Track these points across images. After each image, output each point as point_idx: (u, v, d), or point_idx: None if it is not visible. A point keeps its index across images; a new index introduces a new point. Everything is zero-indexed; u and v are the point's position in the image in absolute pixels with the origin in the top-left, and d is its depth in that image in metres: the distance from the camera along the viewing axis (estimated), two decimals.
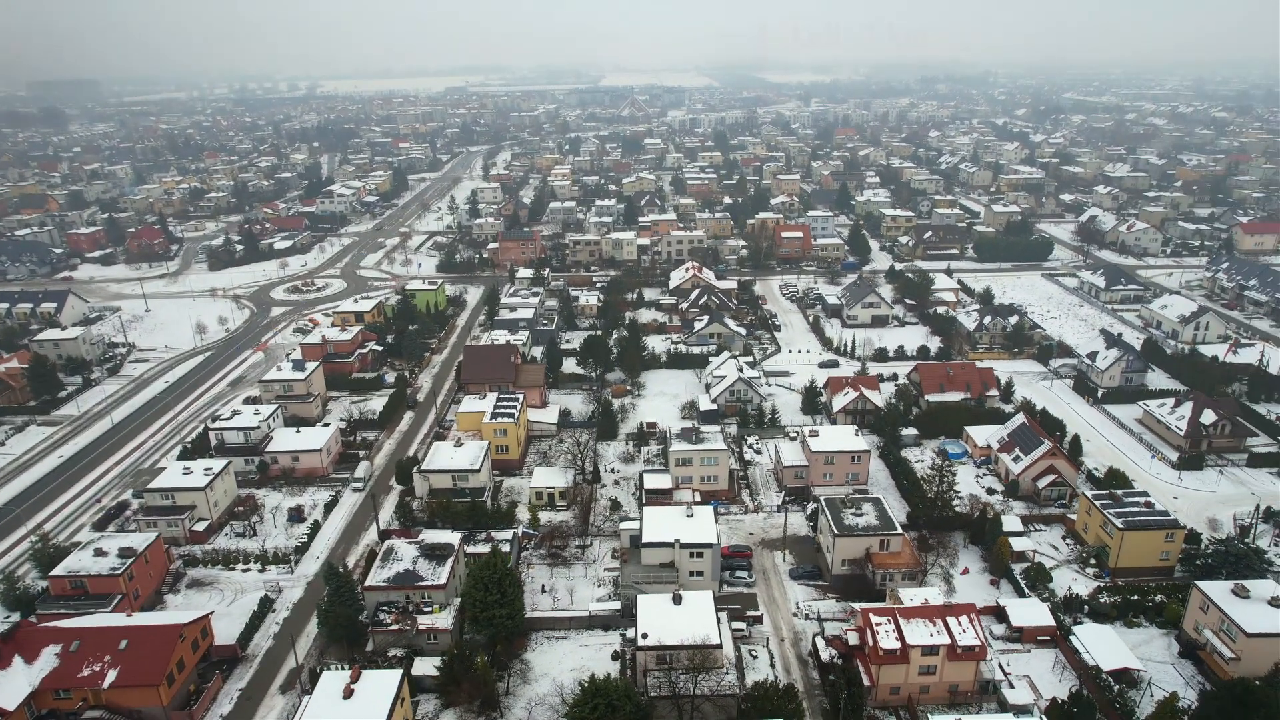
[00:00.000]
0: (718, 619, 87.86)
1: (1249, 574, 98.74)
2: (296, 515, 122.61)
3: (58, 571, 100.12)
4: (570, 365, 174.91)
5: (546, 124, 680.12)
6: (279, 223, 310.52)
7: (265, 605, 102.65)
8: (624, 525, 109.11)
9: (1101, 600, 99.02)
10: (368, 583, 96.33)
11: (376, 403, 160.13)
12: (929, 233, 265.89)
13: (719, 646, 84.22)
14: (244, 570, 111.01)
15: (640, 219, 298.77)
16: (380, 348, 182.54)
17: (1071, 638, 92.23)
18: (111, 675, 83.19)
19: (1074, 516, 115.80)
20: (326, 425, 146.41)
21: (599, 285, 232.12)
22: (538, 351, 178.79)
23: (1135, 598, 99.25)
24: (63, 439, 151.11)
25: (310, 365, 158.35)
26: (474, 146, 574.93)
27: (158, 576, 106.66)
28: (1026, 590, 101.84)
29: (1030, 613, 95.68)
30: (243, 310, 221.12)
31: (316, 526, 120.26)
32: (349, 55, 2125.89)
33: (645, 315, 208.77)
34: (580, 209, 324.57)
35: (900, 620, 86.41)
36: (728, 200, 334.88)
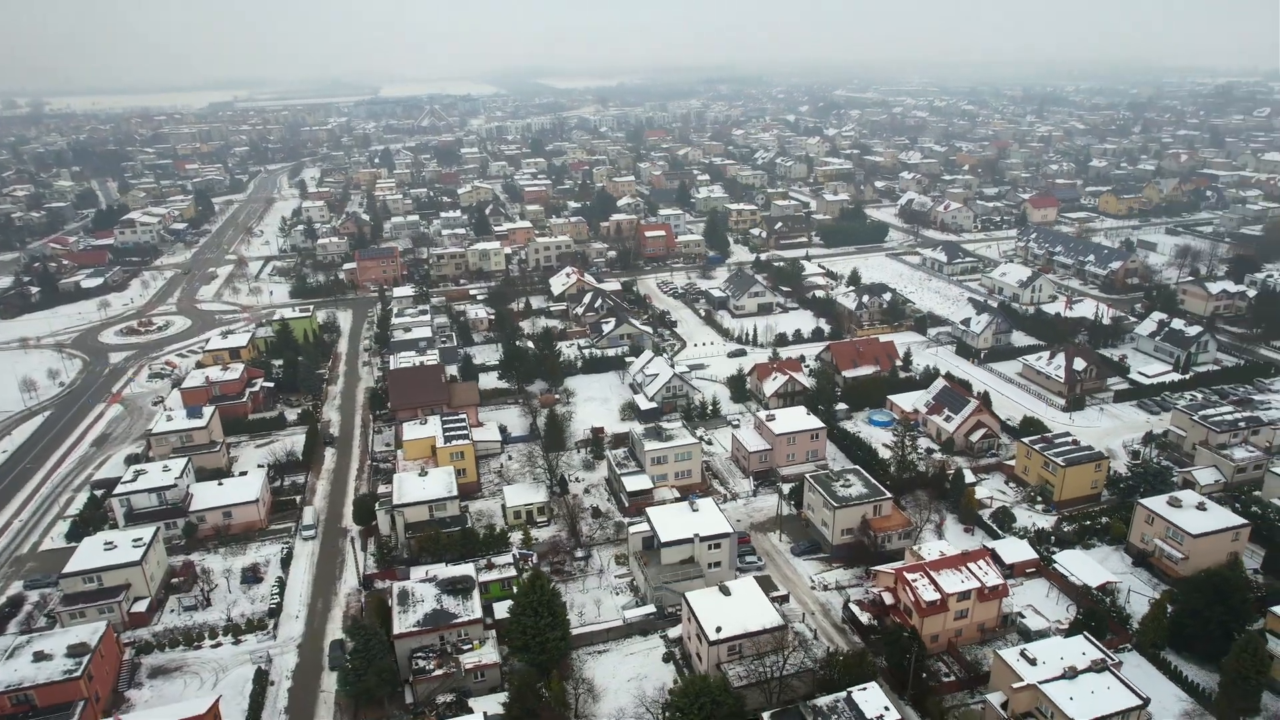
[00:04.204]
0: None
1: (1164, 488, 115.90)
2: (252, 575, 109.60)
3: None
4: (487, 380, 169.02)
5: (344, 137, 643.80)
6: (75, 258, 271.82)
7: (261, 679, 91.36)
8: (632, 530, 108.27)
9: (1065, 530, 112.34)
10: (396, 631, 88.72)
11: (286, 444, 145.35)
12: (779, 223, 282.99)
13: (785, 628, 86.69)
14: (213, 646, 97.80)
15: (496, 228, 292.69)
16: (270, 384, 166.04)
17: (1054, 565, 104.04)
18: None
19: (1011, 463, 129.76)
20: (245, 474, 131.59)
21: (480, 298, 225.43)
22: (451, 369, 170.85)
23: (1088, 523, 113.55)
24: None
25: (207, 410, 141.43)
26: (272, 165, 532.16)
27: (113, 672, 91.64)
28: (1000, 531, 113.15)
29: (1016, 550, 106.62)
30: (73, 360, 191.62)
31: (282, 584, 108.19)
32: (72, 70, 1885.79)
33: (540, 323, 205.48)
34: (422, 223, 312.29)
35: (932, 573, 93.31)
36: (574, 205, 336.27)
